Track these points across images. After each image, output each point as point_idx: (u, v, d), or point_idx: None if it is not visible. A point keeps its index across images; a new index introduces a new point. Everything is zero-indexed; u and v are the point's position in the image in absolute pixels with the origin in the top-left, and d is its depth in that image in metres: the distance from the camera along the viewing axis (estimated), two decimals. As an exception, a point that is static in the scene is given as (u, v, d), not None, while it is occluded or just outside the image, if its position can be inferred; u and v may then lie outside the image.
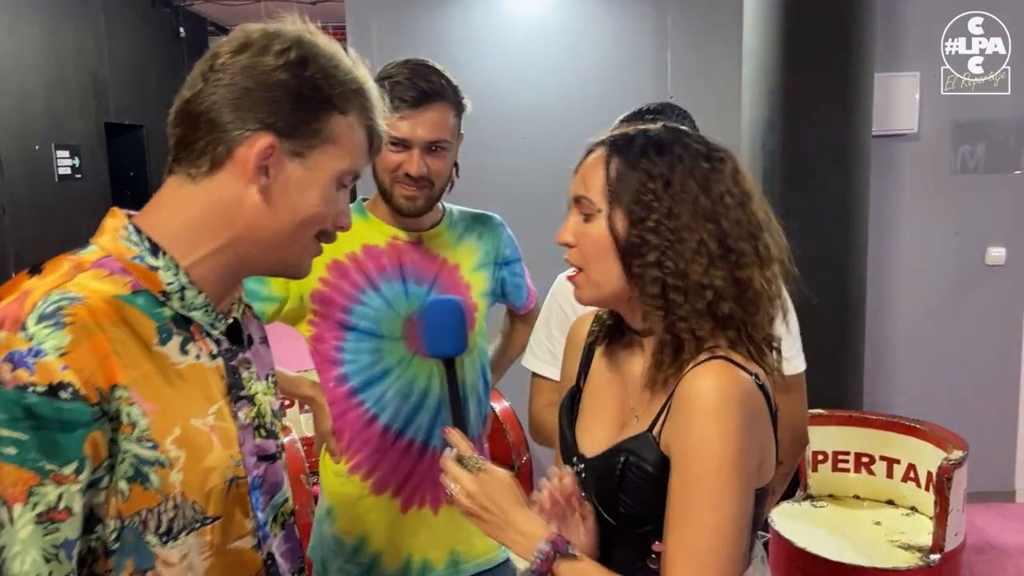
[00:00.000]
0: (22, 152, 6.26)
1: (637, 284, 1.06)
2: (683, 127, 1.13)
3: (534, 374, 1.71)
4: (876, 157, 3.42)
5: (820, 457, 2.98)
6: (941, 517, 2.49)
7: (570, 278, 1.14)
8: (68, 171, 6.82)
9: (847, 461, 2.98)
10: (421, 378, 1.55)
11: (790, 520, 2.77)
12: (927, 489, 2.76)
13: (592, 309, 1.25)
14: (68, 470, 0.81)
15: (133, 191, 8.02)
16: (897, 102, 3.66)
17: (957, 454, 2.55)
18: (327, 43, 1.00)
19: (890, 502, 2.90)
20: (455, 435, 1.13)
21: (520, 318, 1.86)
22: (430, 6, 3.93)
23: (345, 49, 1.03)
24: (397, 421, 1.54)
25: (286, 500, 1.10)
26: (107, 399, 0.84)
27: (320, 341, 1.57)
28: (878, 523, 2.79)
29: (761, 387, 1.03)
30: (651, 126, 1.12)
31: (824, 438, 2.96)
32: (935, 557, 2.49)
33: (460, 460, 1.09)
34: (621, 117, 1.62)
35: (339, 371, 1.56)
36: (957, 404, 3.66)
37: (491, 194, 1.93)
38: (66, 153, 6.81)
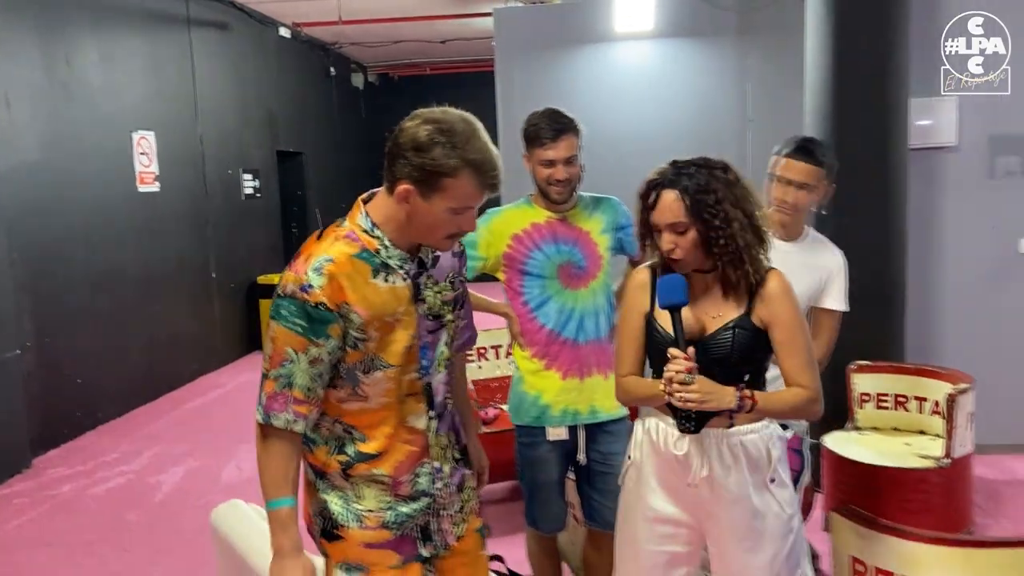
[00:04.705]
0: (220, 176, 7.63)
1: (714, 251, 1.86)
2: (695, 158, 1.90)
3: None
4: (920, 166, 4.18)
5: (865, 397, 3.81)
6: (949, 431, 3.32)
7: (671, 260, 1.89)
8: (251, 191, 8.21)
9: (887, 400, 3.79)
10: (570, 301, 2.55)
11: (841, 443, 3.63)
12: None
13: (644, 265, 2.05)
14: (321, 340, 1.60)
15: (298, 207, 9.39)
16: (937, 122, 4.27)
17: (962, 385, 3.38)
18: (455, 125, 1.57)
19: (921, 432, 3.71)
20: (680, 358, 1.80)
21: (635, 263, 2.81)
22: (559, 52, 4.99)
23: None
24: (557, 327, 2.55)
25: (443, 352, 1.80)
26: (341, 309, 1.60)
27: (510, 282, 2.59)
28: (908, 444, 3.61)
29: None
30: (689, 163, 1.88)
31: (869, 383, 3.79)
32: (946, 460, 3.32)
33: (682, 382, 1.78)
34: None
35: (522, 299, 2.58)
36: (993, 364, 4.28)
37: (610, 191, 2.87)
38: (250, 176, 8.19)
